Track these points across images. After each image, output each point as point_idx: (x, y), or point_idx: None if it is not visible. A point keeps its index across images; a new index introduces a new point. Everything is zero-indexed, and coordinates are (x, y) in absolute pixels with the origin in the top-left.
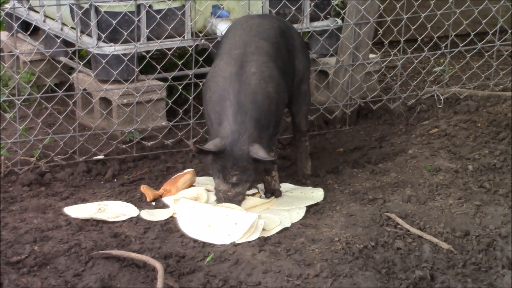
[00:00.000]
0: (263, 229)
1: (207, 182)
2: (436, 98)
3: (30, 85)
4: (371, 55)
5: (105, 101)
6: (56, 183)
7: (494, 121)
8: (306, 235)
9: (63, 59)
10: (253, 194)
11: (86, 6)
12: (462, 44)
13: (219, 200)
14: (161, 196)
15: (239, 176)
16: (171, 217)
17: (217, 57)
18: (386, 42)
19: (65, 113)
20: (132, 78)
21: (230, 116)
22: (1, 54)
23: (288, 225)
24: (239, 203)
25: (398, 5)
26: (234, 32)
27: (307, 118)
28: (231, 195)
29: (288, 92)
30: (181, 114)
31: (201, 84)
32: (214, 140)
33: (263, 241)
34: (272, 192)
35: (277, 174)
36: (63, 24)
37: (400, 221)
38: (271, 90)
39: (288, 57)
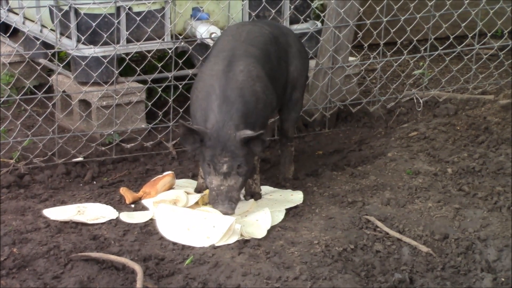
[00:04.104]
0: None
1: (186, 185)
2: (415, 101)
3: (9, 87)
4: (350, 58)
5: (85, 103)
6: (35, 185)
7: (473, 124)
8: (286, 238)
9: (43, 61)
10: None
11: (65, 8)
12: (441, 48)
13: (213, 201)
14: (140, 199)
15: (229, 163)
16: (151, 219)
17: (206, 61)
18: (365, 45)
19: (44, 115)
20: (112, 80)
21: (216, 108)
22: None
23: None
24: (235, 201)
25: (377, 8)
26: (223, 38)
27: (295, 126)
28: (224, 190)
29: (280, 99)
30: (160, 117)
31: (180, 86)
32: (199, 127)
33: (242, 244)
34: (252, 195)
35: (258, 177)
36: (43, 26)
37: (379, 224)
38: (259, 90)
39: (279, 64)
